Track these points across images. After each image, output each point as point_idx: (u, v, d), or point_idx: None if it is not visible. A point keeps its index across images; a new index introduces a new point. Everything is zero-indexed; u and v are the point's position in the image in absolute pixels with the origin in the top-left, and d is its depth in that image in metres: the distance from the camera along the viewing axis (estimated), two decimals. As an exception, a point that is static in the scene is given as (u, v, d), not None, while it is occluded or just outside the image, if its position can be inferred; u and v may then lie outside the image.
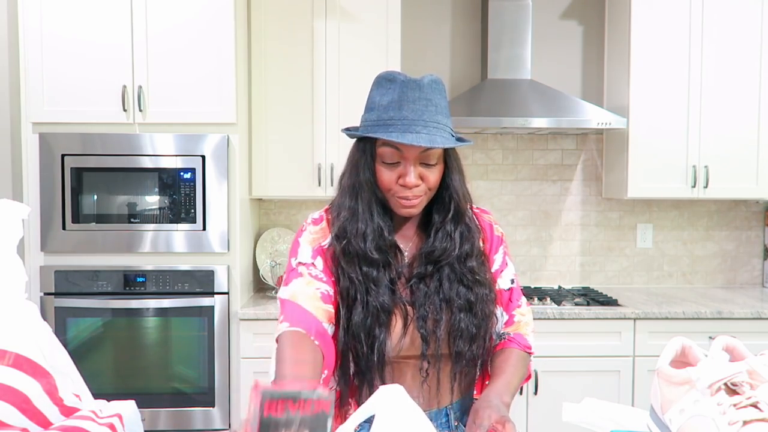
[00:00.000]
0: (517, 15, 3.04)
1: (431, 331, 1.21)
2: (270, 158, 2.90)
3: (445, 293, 1.22)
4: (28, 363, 0.75)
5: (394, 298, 1.21)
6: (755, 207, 3.36)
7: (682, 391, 0.82)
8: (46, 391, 0.75)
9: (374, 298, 1.19)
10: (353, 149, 1.25)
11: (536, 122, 2.82)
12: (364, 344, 1.18)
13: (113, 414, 0.80)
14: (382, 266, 1.21)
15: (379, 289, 1.20)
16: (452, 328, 1.21)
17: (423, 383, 1.24)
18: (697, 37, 2.94)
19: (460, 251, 1.23)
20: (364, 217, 1.21)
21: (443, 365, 1.24)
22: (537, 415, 2.72)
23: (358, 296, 1.20)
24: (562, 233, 3.33)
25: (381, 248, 1.21)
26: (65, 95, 2.59)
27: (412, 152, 1.16)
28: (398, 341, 1.21)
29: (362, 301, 1.19)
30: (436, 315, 1.22)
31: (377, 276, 1.21)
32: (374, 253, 1.20)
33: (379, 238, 1.21)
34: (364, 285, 1.20)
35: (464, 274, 1.23)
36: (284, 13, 2.87)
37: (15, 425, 0.71)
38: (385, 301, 1.19)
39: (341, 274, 1.22)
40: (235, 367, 2.66)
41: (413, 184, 1.17)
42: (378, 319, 1.19)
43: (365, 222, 1.21)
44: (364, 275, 1.20)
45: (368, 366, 1.20)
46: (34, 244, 2.61)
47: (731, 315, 2.72)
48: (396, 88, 1.16)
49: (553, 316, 2.70)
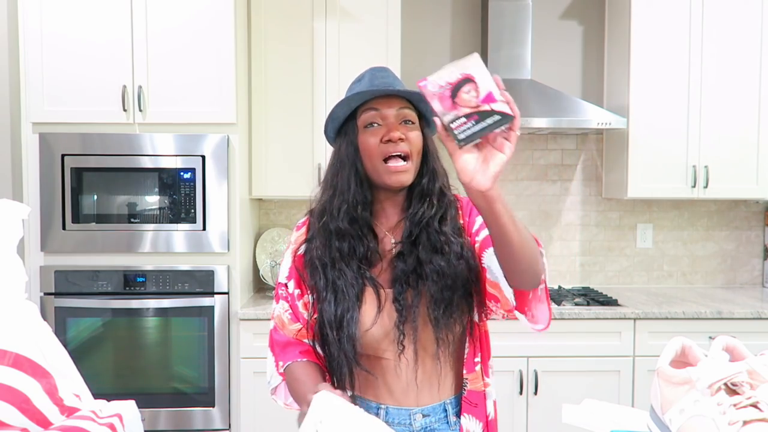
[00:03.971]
0: (517, 15, 3.04)
1: (407, 305, 1.22)
2: (270, 158, 2.90)
3: (423, 264, 1.22)
4: (28, 363, 0.75)
5: (363, 278, 1.23)
6: (755, 207, 3.36)
7: (682, 391, 0.82)
8: (46, 391, 0.75)
9: (342, 281, 1.22)
10: (335, 145, 1.30)
11: (536, 122, 2.82)
12: (334, 329, 1.21)
13: (113, 414, 0.80)
14: (354, 240, 1.24)
15: (348, 269, 1.23)
16: (428, 295, 1.22)
17: (415, 376, 1.25)
18: (697, 37, 2.94)
19: (437, 211, 1.25)
20: (341, 190, 1.25)
21: (420, 336, 1.23)
22: (537, 415, 2.72)
23: (328, 285, 1.23)
24: (562, 233, 3.33)
25: (354, 220, 1.24)
26: (65, 95, 2.59)
27: (389, 108, 1.23)
28: (371, 324, 1.22)
29: (332, 288, 1.23)
30: (414, 287, 1.22)
31: (348, 253, 1.23)
32: (345, 223, 1.23)
33: (353, 211, 1.24)
34: (334, 268, 1.23)
35: (440, 243, 1.23)
36: (284, 13, 2.87)
37: (15, 425, 0.71)
38: (352, 282, 1.22)
39: (311, 272, 1.27)
40: (235, 367, 2.66)
41: (397, 136, 1.21)
42: (346, 296, 1.21)
43: (342, 196, 1.25)
44: (337, 251, 1.24)
45: (340, 352, 1.21)
46: (34, 244, 2.61)
47: (731, 315, 2.72)
48: (365, 75, 1.28)
49: (553, 316, 2.69)
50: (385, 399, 1.27)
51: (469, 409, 1.27)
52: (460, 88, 0.91)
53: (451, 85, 0.91)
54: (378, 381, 1.27)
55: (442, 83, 0.91)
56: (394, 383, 1.27)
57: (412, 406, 1.27)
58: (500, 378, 2.67)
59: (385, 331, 1.23)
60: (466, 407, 1.27)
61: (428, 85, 0.92)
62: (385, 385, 1.27)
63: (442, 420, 1.28)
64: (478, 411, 1.28)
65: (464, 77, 0.91)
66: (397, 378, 1.26)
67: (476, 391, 1.28)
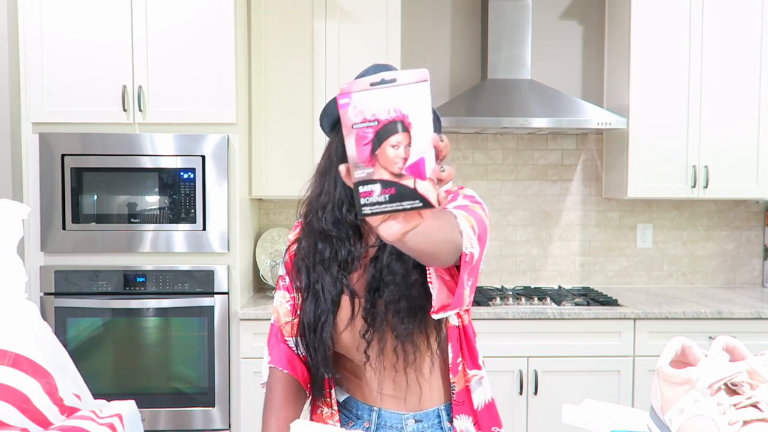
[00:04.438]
0: (517, 15, 3.04)
1: (377, 313, 1.19)
2: (270, 158, 2.90)
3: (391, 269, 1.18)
4: (28, 363, 0.75)
5: (341, 283, 1.22)
6: (755, 207, 3.36)
7: (682, 391, 0.82)
8: (46, 391, 0.75)
9: (320, 284, 1.22)
10: (329, 140, 1.30)
11: (536, 122, 2.82)
12: (311, 331, 1.22)
13: (113, 414, 0.80)
14: (337, 242, 1.22)
15: (327, 274, 1.22)
16: (387, 301, 1.18)
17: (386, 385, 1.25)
18: (697, 37, 2.94)
19: None
20: (327, 190, 1.24)
21: (386, 347, 1.20)
22: (537, 415, 2.72)
23: (309, 287, 1.23)
24: (562, 233, 3.33)
25: (338, 221, 1.22)
26: (65, 95, 2.59)
27: None
28: (343, 329, 1.23)
29: (313, 291, 1.23)
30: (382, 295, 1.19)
31: (328, 257, 1.22)
32: (329, 224, 1.22)
33: (338, 211, 1.22)
34: (315, 271, 1.23)
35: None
36: (284, 14, 2.87)
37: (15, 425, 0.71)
38: (329, 288, 1.21)
39: (296, 274, 1.27)
40: (235, 367, 2.66)
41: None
42: (322, 301, 1.21)
43: (328, 195, 1.24)
44: (319, 254, 1.22)
45: (316, 355, 1.22)
46: (34, 244, 2.61)
47: (731, 315, 2.72)
48: (367, 72, 1.23)
49: (553, 316, 2.70)
50: (376, 401, 1.28)
51: (459, 409, 1.27)
52: (388, 137, 0.66)
53: (378, 124, 0.66)
54: (362, 383, 1.28)
55: (367, 114, 0.67)
56: (373, 388, 1.27)
57: (402, 411, 1.27)
58: (500, 378, 2.67)
59: (354, 338, 1.23)
60: (456, 409, 1.27)
61: (350, 105, 0.67)
62: (367, 387, 1.28)
63: (435, 426, 1.28)
64: (465, 408, 1.27)
65: (398, 119, 0.66)
66: (372, 384, 1.27)
67: (461, 390, 1.27)
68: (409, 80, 0.66)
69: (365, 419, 1.29)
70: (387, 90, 0.66)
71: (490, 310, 2.69)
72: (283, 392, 1.27)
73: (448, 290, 1.06)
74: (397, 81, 0.66)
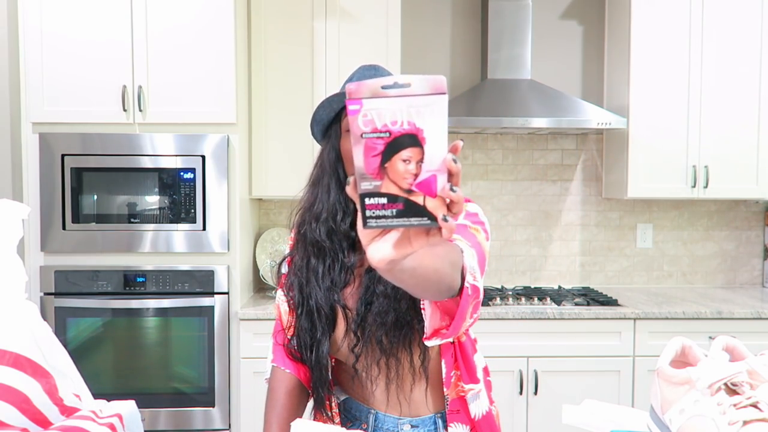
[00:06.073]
0: (517, 15, 3.04)
1: (367, 326, 1.18)
2: (270, 158, 2.90)
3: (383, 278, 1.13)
4: (28, 363, 0.75)
5: (332, 300, 1.20)
6: (755, 207, 3.36)
7: (682, 391, 0.82)
8: (46, 391, 0.75)
9: (314, 301, 1.20)
10: (321, 146, 1.29)
11: (536, 122, 2.82)
12: (308, 352, 1.22)
13: (113, 414, 0.80)
14: (330, 255, 1.20)
15: (320, 290, 1.20)
16: (375, 312, 1.17)
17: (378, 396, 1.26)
18: (697, 37, 2.94)
19: None
20: (321, 198, 1.22)
21: (373, 360, 1.21)
22: (537, 415, 2.72)
23: (303, 303, 1.22)
24: (562, 233, 3.33)
25: (332, 231, 1.20)
26: (65, 95, 2.59)
27: None
28: (339, 343, 1.23)
29: (306, 306, 1.21)
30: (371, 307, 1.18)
31: (322, 273, 1.20)
32: (323, 235, 1.20)
33: (332, 220, 1.20)
34: (308, 286, 1.21)
35: None
36: (284, 14, 2.87)
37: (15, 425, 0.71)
38: (322, 304, 1.20)
39: (288, 287, 1.26)
40: (235, 367, 2.66)
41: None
42: (317, 321, 1.20)
43: (322, 204, 1.22)
44: (312, 270, 1.21)
45: (314, 377, 1.23)
46: (34, 244, 2.61)
47: (731, 315, 2.72)
48: (354, 75, 1.24)
49: (553, 316, 2.70)
50: (373, 404, 1.28)
51: (453, 417, 1.26)
52: (399, 151, 0.61)
53: (390, 135, 0.61)
54: (359, 386, 1.29)
55: (378, 125, 0.61)
56: (368, 393, 1.28)
57: (398, 416, 1.27)
58: (500, 378, 2.67)
59: (347, 350, 1.23)
60: (451, 417, 1.26)
61: (360, 112, 0.61)
62: (364, 391, 1.29)
63: None
64: (461, 416, 1.26)
65: (412, 132, 0.61)
66: (367, 389, 1.28)
67: (455, 399, 1.26)
68: (425, 90, 0.60)
69: (363, 420, 1.29)
70: (401, 99, 0.61)
71: (490, 310, 2.69)
72: (284, 391, 1.27)
73: (441, 312, 0.99)
74: (411, 87, 0.61)
